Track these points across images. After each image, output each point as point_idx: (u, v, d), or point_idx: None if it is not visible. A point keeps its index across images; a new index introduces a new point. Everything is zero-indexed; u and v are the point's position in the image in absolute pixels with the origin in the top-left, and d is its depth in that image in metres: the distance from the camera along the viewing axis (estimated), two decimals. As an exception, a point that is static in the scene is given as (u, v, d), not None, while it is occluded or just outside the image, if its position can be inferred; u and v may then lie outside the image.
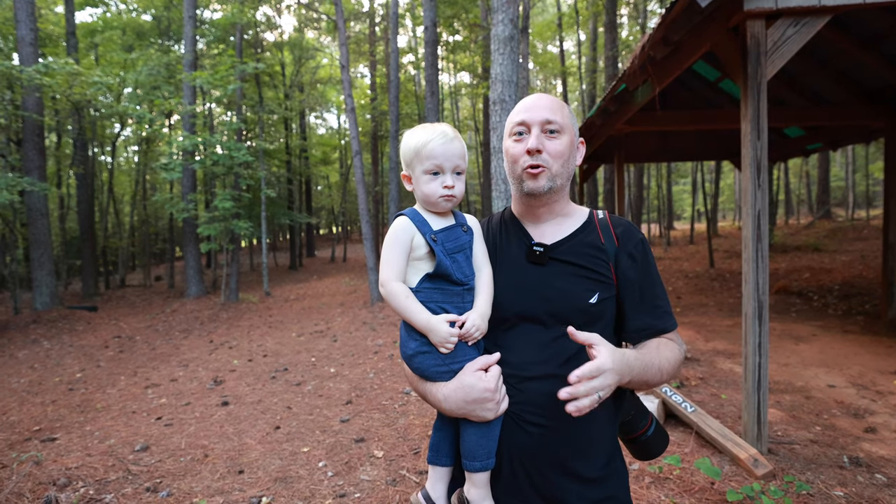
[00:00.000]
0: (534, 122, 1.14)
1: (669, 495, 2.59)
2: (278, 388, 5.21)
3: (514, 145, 1.17)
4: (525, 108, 1.17)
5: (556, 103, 1.17)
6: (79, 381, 6.14)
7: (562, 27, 20.01)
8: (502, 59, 5.38)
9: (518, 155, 1.16)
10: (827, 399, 3.91)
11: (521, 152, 1.15)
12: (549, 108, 1.15)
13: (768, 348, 2.99)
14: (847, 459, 2.89)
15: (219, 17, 16.13)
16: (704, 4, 2.78)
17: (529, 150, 1.13)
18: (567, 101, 21.21)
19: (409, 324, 1.10)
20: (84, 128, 14.22)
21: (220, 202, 11.30)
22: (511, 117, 1.21)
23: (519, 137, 1.17)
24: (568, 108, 1.21)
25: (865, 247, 12.20)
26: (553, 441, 1.06)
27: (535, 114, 1.15)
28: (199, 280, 13.53)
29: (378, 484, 2.96)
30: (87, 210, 14.67)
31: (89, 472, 3.24)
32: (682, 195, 33.39)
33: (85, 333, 9.57)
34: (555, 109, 1.16)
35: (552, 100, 1.18)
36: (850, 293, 8.05)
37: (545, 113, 1.14)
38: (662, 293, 1.18)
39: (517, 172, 1.17)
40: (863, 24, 5.11)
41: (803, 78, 6.56)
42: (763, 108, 2.96)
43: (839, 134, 7.41)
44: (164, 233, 24.30)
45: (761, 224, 2.98)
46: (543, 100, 1.17)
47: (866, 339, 5.58)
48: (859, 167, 23.96)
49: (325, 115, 32.13)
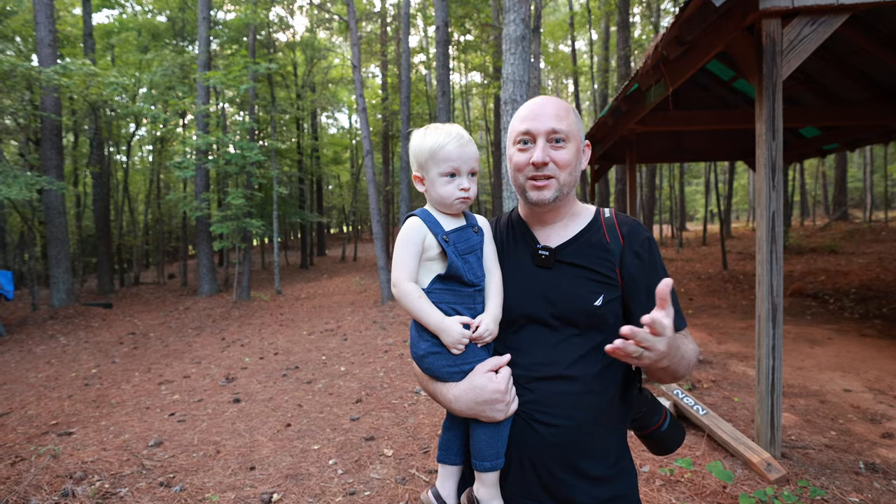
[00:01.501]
0: (539, 132, 1.12)
1: (681, 498, 2.57)
2: (289, 385, 5.25)
3: (519, 154, 1.15)
4: (530, 117, 1.14)
5: (561, 109, 1.14)
6: (94, 377, 6.26)
7: (574, 26, 19.91)
8: (514, 58, 5.37)
9: (523, 164, 1.14)
10: (842, 403, 3.84)
11: (525, 161, 1.13)
12: (554, 115, 1.12)
13: (782, 351, 2.95)
14: (863, 465, 2.84)
15: (232, 17, 16.29)
16: (719, 3, 2.75)
17: (535, 163, 1.11)
18: (578, 101, 21.18)
19: (421, 324, 1.11)
20: (100, 127, 14.47)
21: (232, 200, 11.43)
22: (515, 124, 1.18)
23: (524, 147, 1.15)
24: (573, 110, 1.18)
25: (883, 249, 11.97)
26: (562, 440, 1.07)
27: (540, 123, 1.12)
28: (212, 278, 13.69)
29: (388, 482, 2.98)
30: (103, 208, 14.92)
31: (105, 467, 3.31)
32: (695, 196, 33.03)
33: (100, 330, 9.74)
34: (560, 116, 1.13)
35: (557, 105, 1.15)
36: (867, 296, 7.90)
37: (551, 122, 1.11)
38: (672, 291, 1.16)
39: (520, 181, 1.16)
40: (882, 21, 5.01)
41: (820, 77, 6.45)
42: (778, 108, 2.92)
43: (857, 134, 7.28)
44: (177, 231, 24.64)
45: (776, 225, 2.94)
46: (548, 106, 1.14)
47: (884, 343, 5.47)
48: (878, 168, 23.48)
49: (337, 114, 32.31)
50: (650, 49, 3.91)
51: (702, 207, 25.81)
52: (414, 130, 1.20)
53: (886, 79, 5.93)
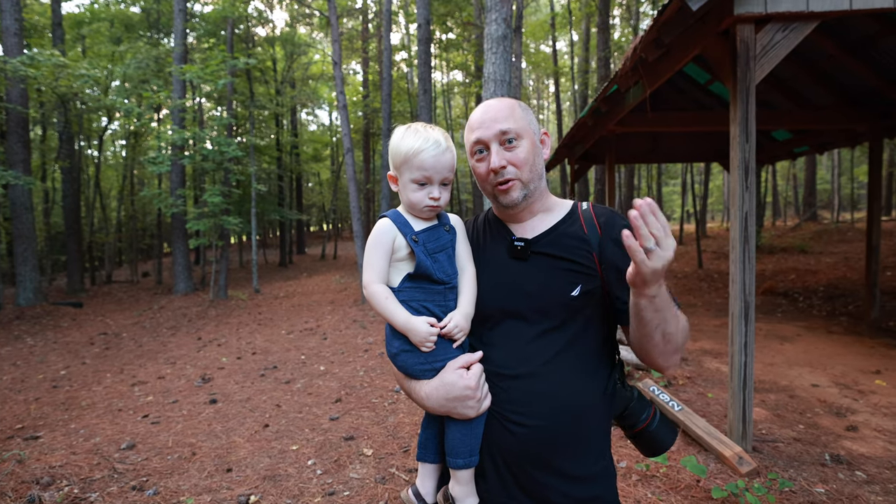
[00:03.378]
0: (489, 137, 1.12)
1: (656, 493, 2.62)
2: (267, 385, 5.18)
3: (478, 165, 1.16)
4: (477, 125, 1.14)
5: (505, 109, 1.13)
6: (63, 379, 6.05)
7: (555, 27, 20.06)
8: (495, 58, 5.38)
9: (484, 174, 1.15)
10: (810, 398, 3.97)
11: (485, 170, 1.14)
12: (500, 117, 1.12)
13: (754, 348, 3.04)
14: (829, 457, 2.95)
15: (210, 10, 15.93)
16: (696, 7, 2.80)
17: (493, 169, 1.12)
18: (559, 102, 21.37)
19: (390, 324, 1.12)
20: (70, 121, 13.99)
21: (209, 197, 11.19)
22: (467, 135, 1.18)
23: (480, 156, 1.15)
24: (519, 105, 1.16)
25: (849, 249, 12.42)
26: (537, 441, 1.06)
27: (488, 129, 1.12)
28: (188, 276, 13.39)
29: (367, 482, 2.96)
30: (73, 205, 14.44)
31: (74, 471, 3.20)
32: (673, 196, 33.68)
33: (70, 330, 9.43)
34: (506, 117, 1.12)
35: (500, 106, 1.14)
36: (834, 294, 8.20)
37: (497, 125, 1.11)
38: None
39: (488, 190, 1.17)
40: (850, 30, 5.19)
41: (791, 81, 6.65)
42: (751, 111, 3.00)
43: (825, 137, 7.52)
44: (151, 228, 24.01)
45: (748, 225, 3.02)
46: (492, 110, 1.13)
47: (849, 340, 5.68)
48: (845, 170, 24.36)
49: (317, 111, 31.96)
50: (629, 51, 3.97)
51: (679, 207, 26.35)
52: (396, 127, 1.19)
53: (853, 84, 6.14)
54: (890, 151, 18.60)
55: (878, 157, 6.49)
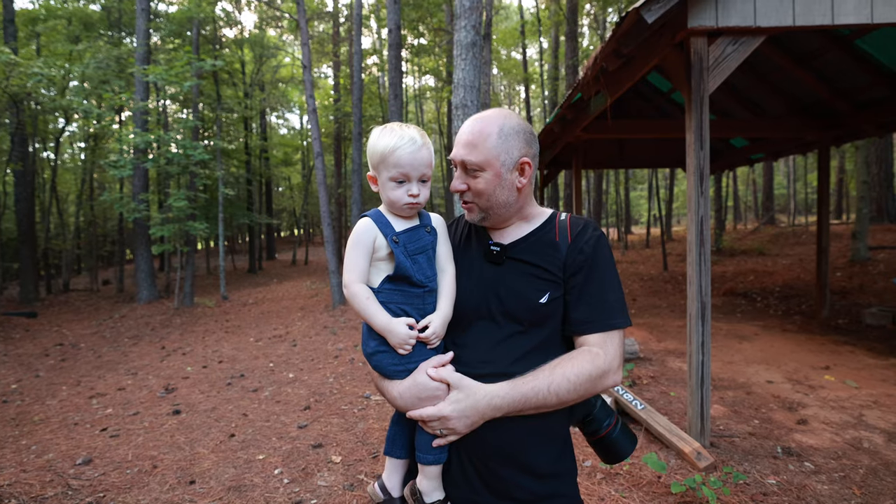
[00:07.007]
0: (456, 161, 1.17)
1: (619, 490, 2.69)
2: (234, 394, 5.06)
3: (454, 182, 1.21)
4: (457, 142, 1.18)
5: (479, 135, 1.13)
6: (14, 393, 5.76)
7: (524, 34, 20.41)
8: (465, 64, 5.45)
9: (453, 189, 1.20)
10: (765, 394, 4.15)
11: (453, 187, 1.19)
12: (470, 144, 1.14)
13: (710, 347, 3.16)
14: (780, 450, 3.09)
15: (175, 10, 15.50)
16: (651, 20, 2.91)
17: (452, 190, 1.19)
18: (529, 108, 21.70)
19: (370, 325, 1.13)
20: (23, 122, 13.34)
21: (174, 201, 10.86)
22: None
23: (455, 171, 1.20)
24: (499, 132, 1.13)
25: (804, 251, 13.04)
26: (500, 436, 1.09)
27: (457, 151, 1.16)
28: (151, 284, 12.94)
29: (335, 489, 2.93)
30: (27, 209, 13.75)
31: (24, 489, 3.05)
32: (640, 200, 34.65)
33: (22, 341, 8.97)
34: (475, 146, 1.13)
35: (477, 130, 1.14)
36: (789, 294, 8.59)
37: (463, 152, 1.14)
38: (612, 288, 1.14)
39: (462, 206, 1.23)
40: (797, 43, 5.49)
41: (747, 91, 6.96)
42: (705, 119, 3.14)
43: (779, 145, 7.90)
44: (113, 234, 23.07)
45: (704, 229, 3.15)
46: (468, 133, 1.15)
47: (802, 338, 5.97)
48: (799, 176, 25.62)
49: (287, 115, 31.42)
50: (591, 61, 4.09)
51: (646, 212, 27.09)
52: (373, 128, 1.20)
53: (803, 95, 6.49)
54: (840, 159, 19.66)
55: (825, 165, 6.85)
